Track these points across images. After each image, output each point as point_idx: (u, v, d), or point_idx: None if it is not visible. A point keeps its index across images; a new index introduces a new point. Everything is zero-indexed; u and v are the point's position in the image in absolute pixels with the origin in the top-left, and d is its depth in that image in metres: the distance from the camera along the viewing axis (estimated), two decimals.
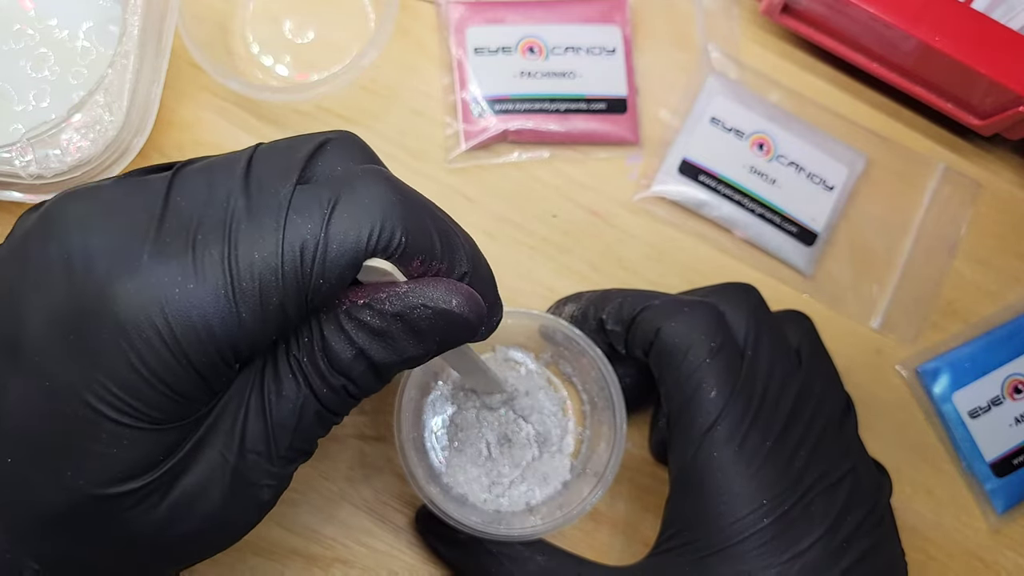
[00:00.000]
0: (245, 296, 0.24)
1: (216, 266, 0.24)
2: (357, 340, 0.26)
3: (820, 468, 0.34)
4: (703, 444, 0.34)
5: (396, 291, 0.26)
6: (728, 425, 0.34)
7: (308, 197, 0.25)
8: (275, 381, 0.26)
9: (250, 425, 0.26)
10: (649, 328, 0.36)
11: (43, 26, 0.42)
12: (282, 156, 0.26)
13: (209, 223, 0.25)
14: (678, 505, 0.35)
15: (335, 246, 0.24)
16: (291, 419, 0.26)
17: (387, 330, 0.26)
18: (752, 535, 0.33)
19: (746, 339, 0.35)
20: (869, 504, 0.34)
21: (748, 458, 0.33)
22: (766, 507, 0.33)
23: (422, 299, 0.26)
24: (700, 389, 0.34)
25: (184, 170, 0.26)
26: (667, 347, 0.35)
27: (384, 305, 0.26)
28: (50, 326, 0.24)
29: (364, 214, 0.25)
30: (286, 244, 0.24)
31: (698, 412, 0.34)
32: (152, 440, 0.25)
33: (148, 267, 0.24)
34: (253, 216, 0.25)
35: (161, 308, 0.24)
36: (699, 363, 0.34)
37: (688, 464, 0.34)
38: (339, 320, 0.26)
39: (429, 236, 0.26)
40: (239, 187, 0.25)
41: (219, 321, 0.24)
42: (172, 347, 0.24)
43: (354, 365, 0.26)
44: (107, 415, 0.24)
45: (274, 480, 0.27)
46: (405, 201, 0.26)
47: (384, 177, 0.26)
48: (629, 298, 0.37)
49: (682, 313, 0.35)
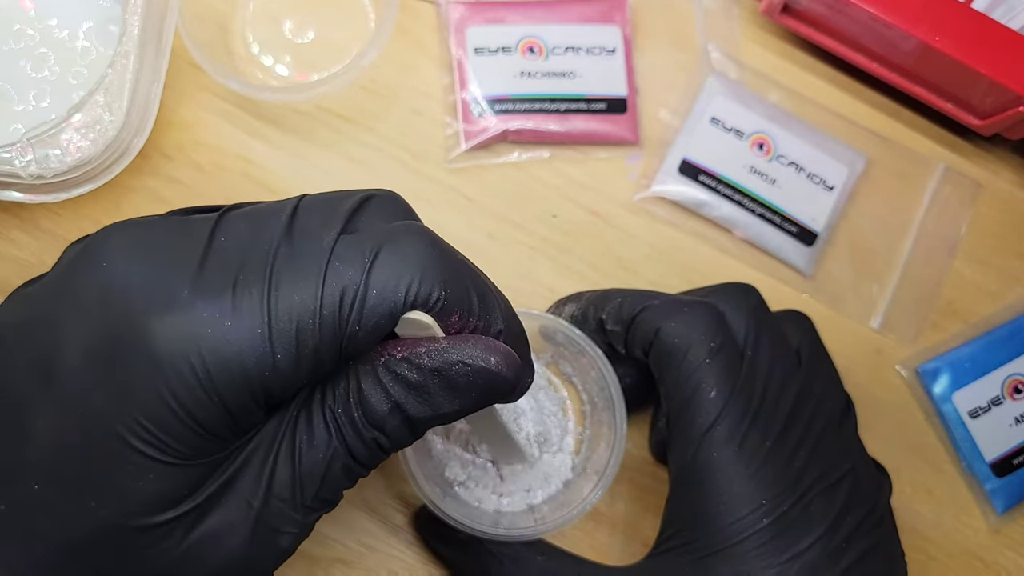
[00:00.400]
0: (281, 338, 0.24)
1: (255, 306, 0.24)
2: (394, 393, 0.26)
3: (820, 468, 0.34)
4: (703, 444, 0.34)
5: (435, 347, 0.26)
6: (728, 425, 0.34)
7: (350, 247, 0.25)
8: (308, 430, 0.27)
9: (278, 472, 0.26)
10: (649, 328, 0.36)
11: (43, 26, 0.42)
12: (326, 207, 0.27)
13: (251, 265, 0.25)
14: (677, 505, 0.35)
15: (374, 295, 0.25)
16: (319, 469, 0.27)
17: (424, 385, 0.26)
18: (751, 535, 0.33)
19: (746, 339, 0.35)
20: (869, 504, 0.34)
21: (748, 458, 0.33)
22: (765, 507, 0.33)
23: (461, 356, 0.26)
24: (700, 389, 0.34)
25: (230, 213, 0.27)
26: (667, 347, 0.35)
27: (423, 360, 0.26)
28: (85, 354, 0.25)
29: (405, 266, 0.25)
30: (326, 289, 0.25)
31: (698, 412, 0.34)
32: (177, 475, 0.25)
33: (187, 303, 0.24)
34: (295, 261, 0.25)
35: (197, 344, 0.24)
36: (699, 363, 0.34)
37: (687, 464, 0.34)
38: (376, 373, 0.26)
39: (467, 293, 0.26)
40: (283, 233, 0.26)
41: (254, 361, 0.24)
42: (205, 384, 0.24)
43: (388, 419, 0.26)
44: (135, 446, 0.24)
45: (296, 528, 0.27)
46: (445, 257, 0.26)
47: (426, 233, 0.27)
48: (629, 298, 0.37)
49: (682, 313, 0.35)
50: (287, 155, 0.45)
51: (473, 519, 0.37)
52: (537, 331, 0.40)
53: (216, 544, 0.26)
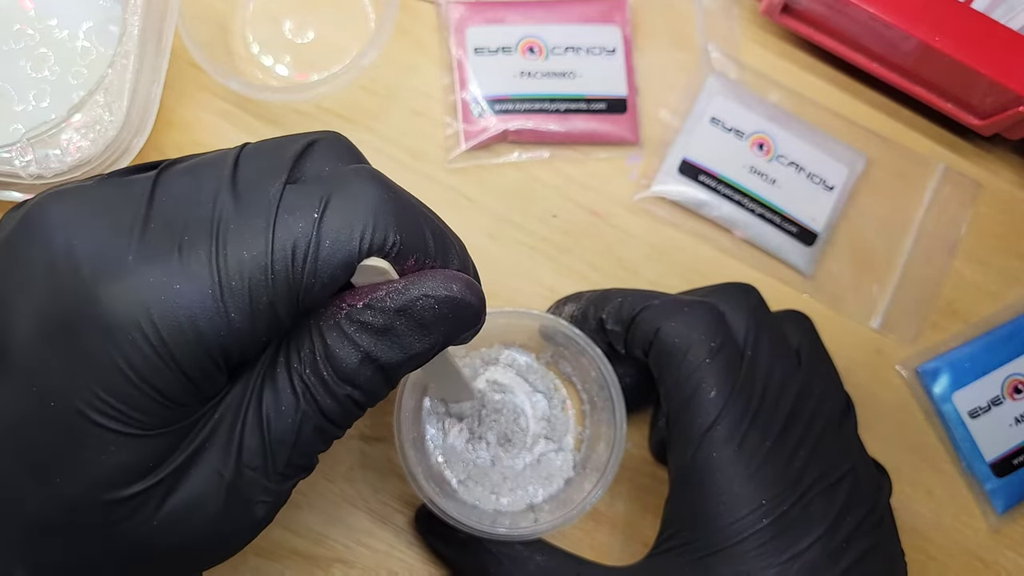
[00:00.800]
0: (234, 296, 0.24)
1: (203, 266, 0.24)
2: (362, 343, 0.25)
3: (819, 468, 0.34)
4: (702, 444, 0.34)
5: (395, 287, 0.25)
6: (727, 425, 0.34)
7: (299, 196, 0.25)
8: (274, 395, 0.26)
9: (247, 440, 0.26)
10: (649, 328, 0.36)
11: (43, 26, 0.42)
12: (270, 156, 0.26)
13: (196, 223, 0.24)
14: (677, 505, 0.35)
15: (327, 245, 0.24)
16: (290, 435, 0.26)
17: (391, 327, 0.25)
18: (751, 535, 0.33)
19: (746, 339, 0.35)
20: (868, 504, 0.34)
21: (747, 458, 0.33)
22: (765, 507, 0.33)
23: (423, 290, 0.25)
24: (700, 389, 0.34)
25: (169, 170, 0.26)
26: (667, 347, 0.35)
27: (385, 302, 0.25)
28: (36, 329, 0.24)
29: (358, 213, 0.24)
30: (276, 243, 0.24)
31: (697, 412, 0.34)
32: (142, 446, 0.24)
33: (134, 268, 0.24)
34: (241, 215, 0.24)
35: (147, 310, 0.23)
36: (699, 363, 0.34)
37: (687, 464, 0.34)
38: (340, 325, 0.25)
39: (423, 234, 0.26)
40: (226, 186, 0.25)
41: (207, 322, 0.24)
42: (159, 349, 0.23)
43: (360, 370, 0.26)
44: (95, 420, 0.24)
45: (270, 497, 0.27)
46: (398, 200, 0.25)
47: (376, 176, 0.26)
48: (629, 298, 0.37)
49: (682, 313, 0.35)
50: None
51: (472, 519, 0.37)
52: (537, 331, 0.41)
53: (190, 515, 0.26)
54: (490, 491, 0.40)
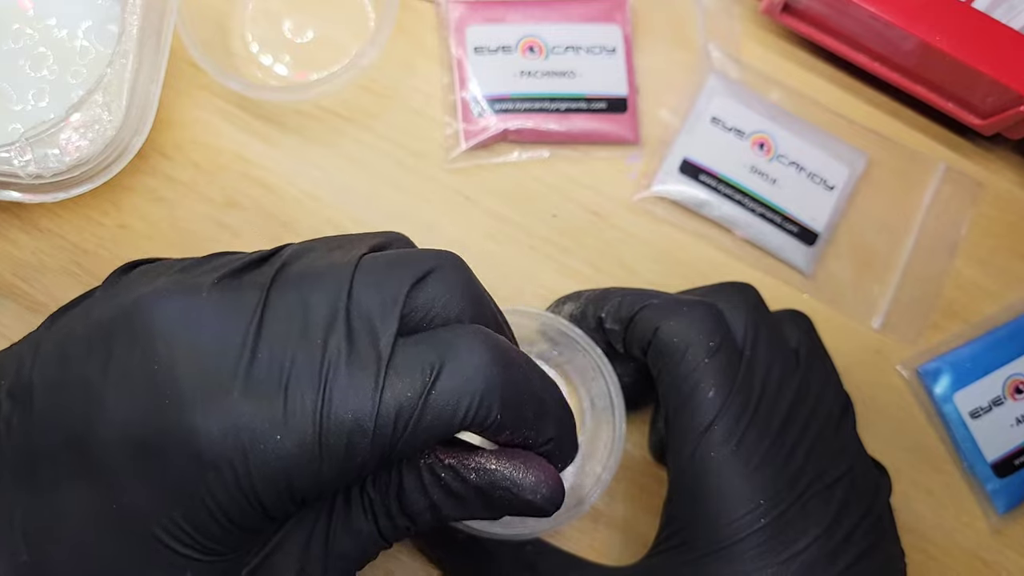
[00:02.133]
0: (330, 454, 0.24)
1: (307, 418, 0.23)
2: (433, 496, 0.26)
3: (818, 468, 0.34)
4: (700, 444, 0.34)
5: (484, 464, 0.26)
6: (725, 425, 0.34)
7: (410, 358, 0.24)
8: (345, 514, 0.27)
9: (311, 553, 0.26)
10: (647, 327, 0.36)
11: (42, 25, 0.42)
12: (384, 283, 0.25)
13: (303, 364, 0.24)
14: (675, 505, 0.35)
15: (430, 417, 0.24)
16: (353, 551, 0.27)
17: (465, 497, 0.26)
18: (749, 535, 0.33)
19: (744, 339, 0.35)
20: (867, 504, 0.34)
21: (745, 458, 0.33)
22: (763, 507, 0.33)
23: (507, 482, 0.26)
24: (698, 389, 0.34)
25: (281, 280, 0.25)
26: (665, 346, 0.35)
27: (470, 475, 0.26)
28: (125, 441, 0.24)
29: (466, 388, 0.24)
30: (382, 408, 0.24)
31: (696, 412, 0.34)
32: (210, 570, 0.25)
33: (237, 405, 0.23)
34: (351, 368, 0.24)
35: (243, 451, 0.23)
36: (697, 362, 0.34)
37: (685, 464, 0.34)
38: (420, 472, 0.26)
39: (524, 411, 0.26)
40: (339, 323, 0.24)
41: (299, 474, 0.24)
42: (247, 491, 0.24)
43: (422, 513, 0.27)
44: (169, 545, 0.24)
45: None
46: (507, 372, 0.25)
47: (490, 344, 0.25)
48: (628, 297, 0.37)
49: (681, 312, 0.35)
50: (286, 155, 0.45)
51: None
52: (536, 330, 0.40)
53: None
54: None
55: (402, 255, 0.27)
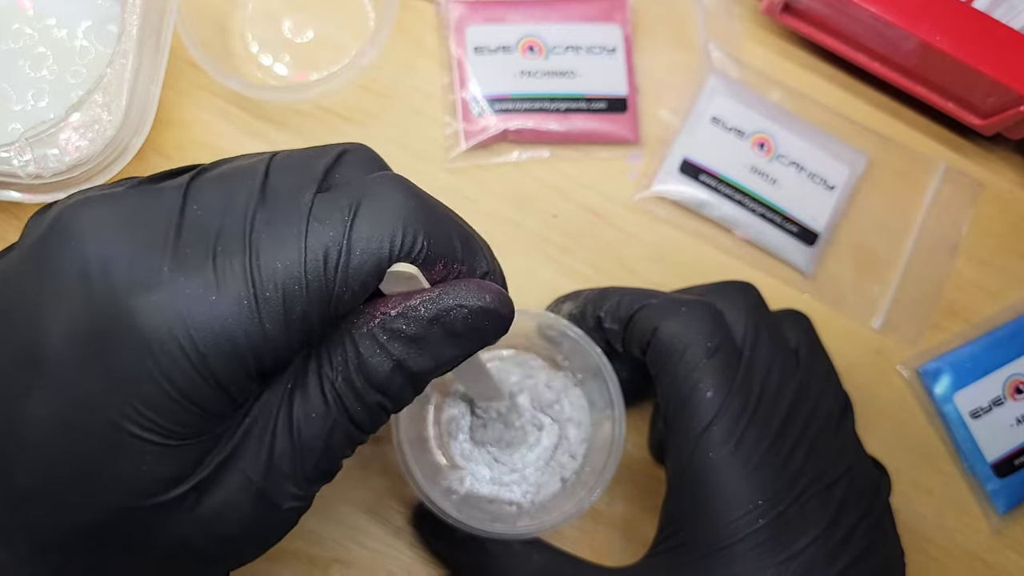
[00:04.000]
0: (268, 306, 0.24)
1: (238, 277, 0.24)
2: (394, 351, 0.26)
3: (817, 468, 0.34)
4: (699, 444, 0.34)
5: (429, 296, 0.26)
6: (724, 425, 0.33)
7: (329, 204, 0.25)
8: (305, 401, 0.26)
9: (277, 446, 0.26)
10: (647, 327, 0.36)
11: (42, 25, 0.42)
12: (300, 166, 0.26)
13: (228, 233, 0.24)
14: (674, 505, 0.35)
15: (358, 252, 0.24)
16: (320, 440, 0.26)
17: (424, 336, 0.26)
18: (748, 536, 0.33)
19: (744, 338, 0.35)
20: (866, 504, 0.34)
21: (744, 458, 0.33)
22: (762, 507, 0.33)
23: (456, 299, 0.26)
24: (697, 389, 0.34)
25: (199, 178, 0.26)
26: (664, 346, 0.35)
27: (419, 311, 0.25)
28: (71, 340, 0.24)
29: (386, 219, 0.25)
30: (309, 252, 0.24)
31: (695, 412, 0.34)
32: (176, 455, 0.25)
33: (169, 280, 0.24)
34: (274, 224, 0.24)
35: (184, 322, 0.23)
36: (696, 363, 0.34)
37: (684, 464, 0.34)
38: (374, 334, 0.25)
39: (450, 240, 0.26)
40: (257, 196, 0.25)
41: (242, 333, 0.24)
42: (196, 361, 0.24)
43: (391, 378, 0.26)
44: (132, 432, 0.24)
45: (298, 501, 0.27)
46: (425, 206, 0.26)
47: (402, 183, 0.26)
48: (627, 296, 0.37)
49: (680, 312, 0.35)
50: None
51: (470, 517, 0.36)
52: (536, 329, 0.40)
53: (220, 520, 0.26)
54: (489, 489, 0.39)
55: (315, 148, 0.28)
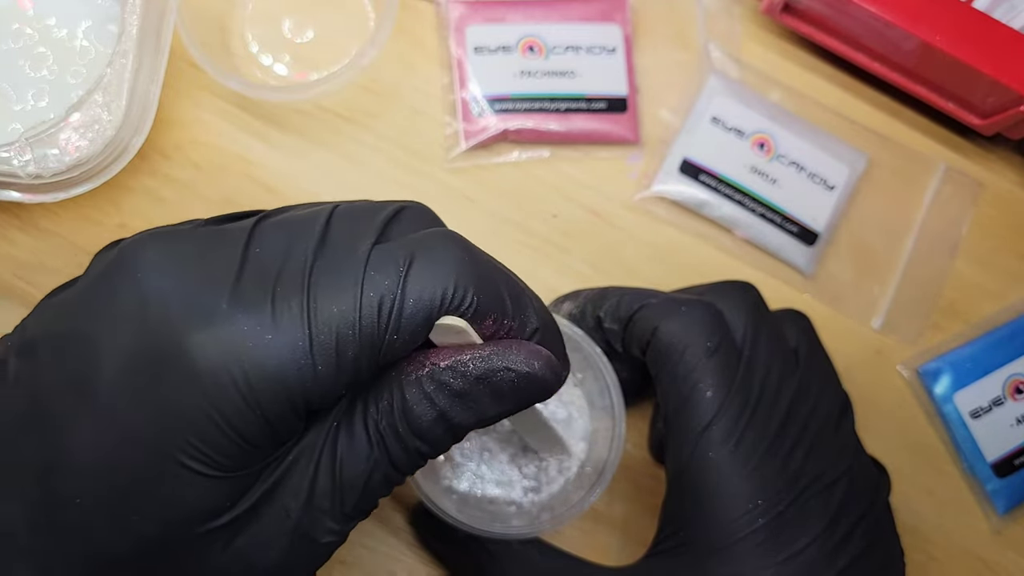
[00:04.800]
0: (322, 349, 0.25)
1: (295, 318, 0.25)
2: (439, 402, 0.26)
3: (817, 468, 0.34)
4: (699, 444, 0.34)
5: (479, 354, 0.26)
6: (724, 425, 0.33)
7: (385, 255, 0.26)
8: (349, 441, 0.27)
9: (319, 482, 0.26)
10: (646, 327, 0.36)
11: (41, 25, 0.42)
12: (361, 217, 0.27)
13: (288, 276, 0.25)
14: (674, 505, 0.35)
15: (411, 302, 0.25)
16: (360, 480, 0.27)
17: (469, 392, 0.26)
18: (747, 535, 0.33)
19: (744, 338, 0.35)
20: (866, 504, 0.34)
21: (744, 458, 0.33)
22: (762, 507, 0.33)
23: (505, 362, 0.26)
24: (696, 389, 0.34)
25: (263, 223, 0.27)
26: (664, 346, 0.35)
27: (468, 367, 0.26)
28: (124, 371, 0.25)
29: (438, 273, 0.25)
30: (364, 299, 0.25)
31: (694, 412, 0.34)
32: (219, 488, 0.25)
33: (226, 316, 0.24)
34: (332, 272, 0.25)
35: (239, 358, 0.24)
36: (696, 362, 0.34)
37: (684, 464, 0.34)
38: (421, 383, 0.26)
39: (501, 295, 0.27)
40: (317, 242, 0.26)
41: (295, 373, 0.24)
42: (247, 397, 0.24)
43: (433, 427, 0.27)
44: (180, 461, 0.24)
45: (335, 537, 0.27)
46: (477, 262, 0.27)
47: (456, 239, 0.27)
48: (627, 296, 0.37)
49: (680, 312, 0.35)
50: (286, 154, 0.45)
51: (470, 517, 0.36)
52: None
53: (256, 554, 0.26)
54: (489, 489, 0.39)
55: (376, 202, 0.29)
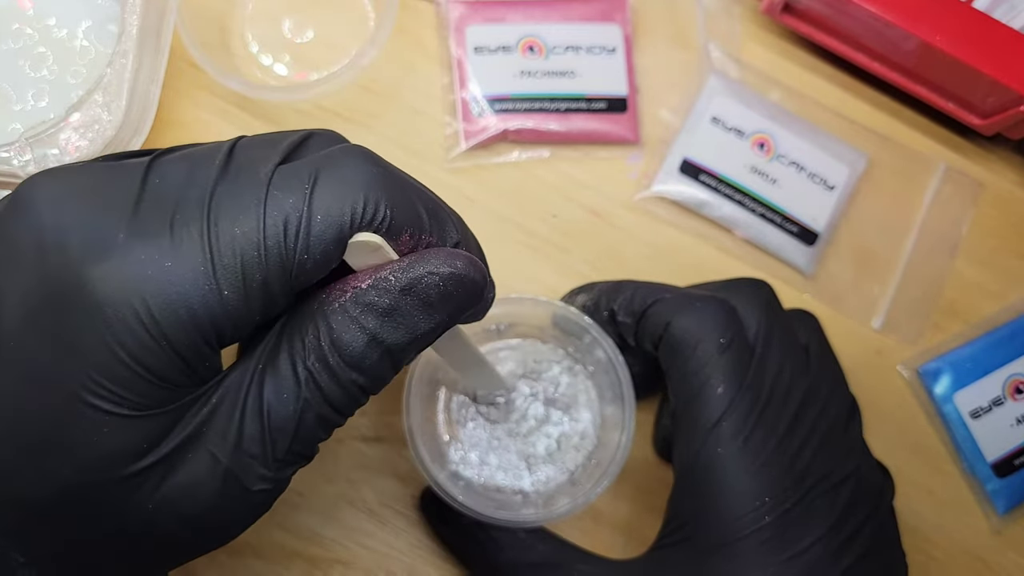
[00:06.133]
0: (226, 273, 0.24)
1: (195, 243, 0.23)
2: (367, 325, 0.25)
3: (824, 468, 0.34)
4: (708, 439, 0.34)
5: (400, 265, 0.25)
6: (734, 421, 0.33)
7: (289, 174, 0.25)
8: (275, 381, 0.25)
9: (246, 426, 0.25)
10: (659, 321, 0.36)
11: (41, 25, 0.42)
12: (265, 145, 0.26)
13: (187, 203, 0.24)
14: (681, 500, 0.35)
15: (319, 219, 0.24)
16: (291, 422, 0.25)
17: (397, 307, 0.25)
18: (753, 532, 0.32)
19: (756, 336, 0.35)
20: (871, 506, 0.34)
21: (752, 455, 0.33)
22: (768, 504, 0.33)
23: (428, 267, 0.25)
24: (707, 384, 0.34)
25: (163, 156, 0.26)
26: (676, 341, 0.35)
27: (390, 281, 0.25)
28: (24, 310, 0.24)
29: (347, 187, 0.24)
30: (268, 219, 0.24)
31: (704, 407, 0.34)
32: (135, 428, 0.24)
33: (124, 246, 0.23)
34: (233, 195, 0.24)
35: (139, 288, 0.23)
36: (708, 358, 0.34)
37: (692, 459, 0.34)
38: (346, 308, 0.25)
39: (415, 208, 0.26)
40: (219, 170, 0.25)
41: (199, 300, 0.23)
42: (151, 328, 0.23)
43: (366, 354, 0.25)
44: (88, 401, 0.23)
45: (269, 484, 0.26)
46: (387, 175, 0.25)
47: (365, 152, 0.26)
48: (641, 290, 0.37)
49: (693, 308, 0.35)
50: None
51: (476, 504, 0.36)
52: (549, 319, 0.40)
53: (185, 500, 0.25)
54: (496, 477, 0.39)
55: (283, 131, 0.27)
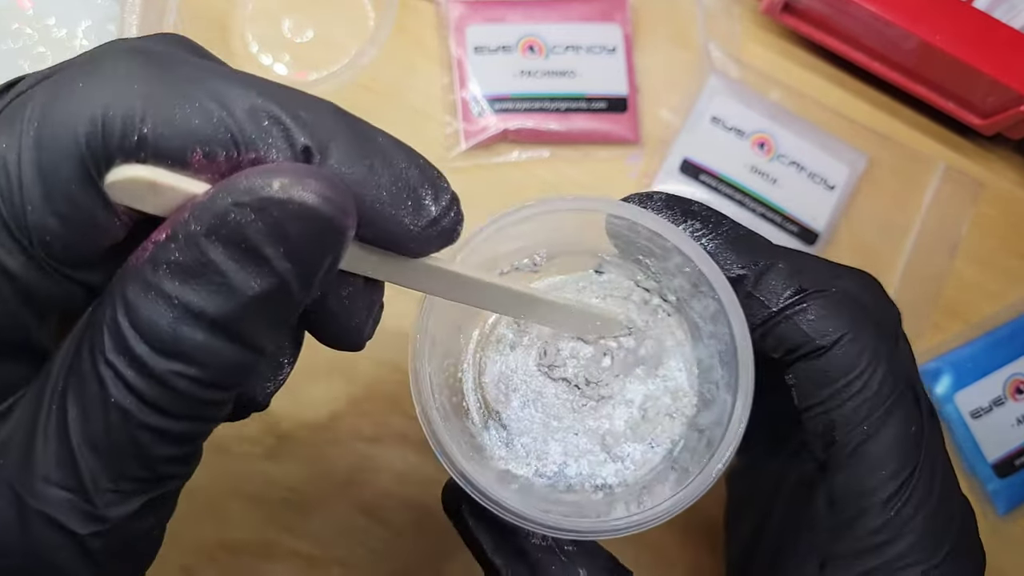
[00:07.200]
0: None
1: None
2: (172, 291, 0.18)
3: (952, 513, 0.29)
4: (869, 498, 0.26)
5: (197, 201, 0.18)
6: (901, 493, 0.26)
7: (14, 108, 0.19)
8: (77, 387, 0.19)
9: (49, 452, 0.19)
10: (821, 329, 0.27)
11: (41, 25, 0.42)
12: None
13: None
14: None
15: (45, 156, 0.18)
16: (103, 440, 0.19)
17: (206, 261, 0.18)
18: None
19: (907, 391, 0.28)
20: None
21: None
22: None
23: (232, 196, 0.18)
24: (872, 445, 0.26)
25: None
26: (835, 368, 0.26)
27: (189, 225, 0.18)
28: None
29: (83, 99, 0.18)
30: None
31: (869, 475, 0.26)
32: None
33: None
34: None
35: None
36: (874, 408, 0.27)
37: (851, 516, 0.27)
38: (143, 275, 0.18)
39: (213, 115, 0.18)
40: None
41: None
42: None
43: (181, 333, 0.18)
44: None
45: (99, 525, 0.19)
46: (156, 72, 0.18)
47: (120, 46, 0.19)
48: (796, 275, 0.27)
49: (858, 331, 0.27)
50: None
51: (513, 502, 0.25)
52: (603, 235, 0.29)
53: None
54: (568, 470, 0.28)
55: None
